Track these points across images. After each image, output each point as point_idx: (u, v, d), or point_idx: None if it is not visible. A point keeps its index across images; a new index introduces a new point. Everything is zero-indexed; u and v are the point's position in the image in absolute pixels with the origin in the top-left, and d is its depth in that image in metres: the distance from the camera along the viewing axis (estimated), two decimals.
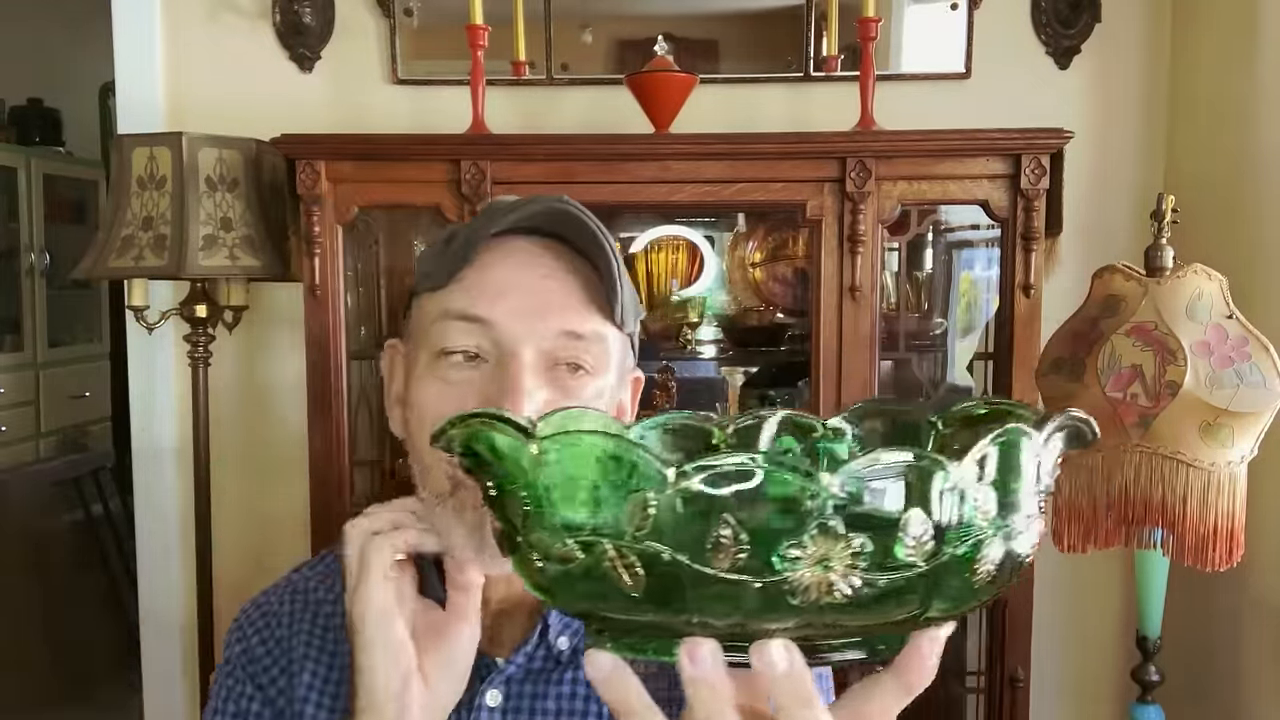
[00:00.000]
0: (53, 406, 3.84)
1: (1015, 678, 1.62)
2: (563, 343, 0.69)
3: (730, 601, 0.37)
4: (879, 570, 0.36)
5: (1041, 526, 0.42)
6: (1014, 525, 0.39)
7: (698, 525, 0.36)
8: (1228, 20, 1.76)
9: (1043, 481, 0.41)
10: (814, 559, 0.36)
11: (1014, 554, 0.39)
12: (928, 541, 0.36)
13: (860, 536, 0.36)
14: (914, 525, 0.36)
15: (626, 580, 0.38)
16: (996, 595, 0.42)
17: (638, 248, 2.11)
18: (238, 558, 2.03)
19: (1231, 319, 1.33)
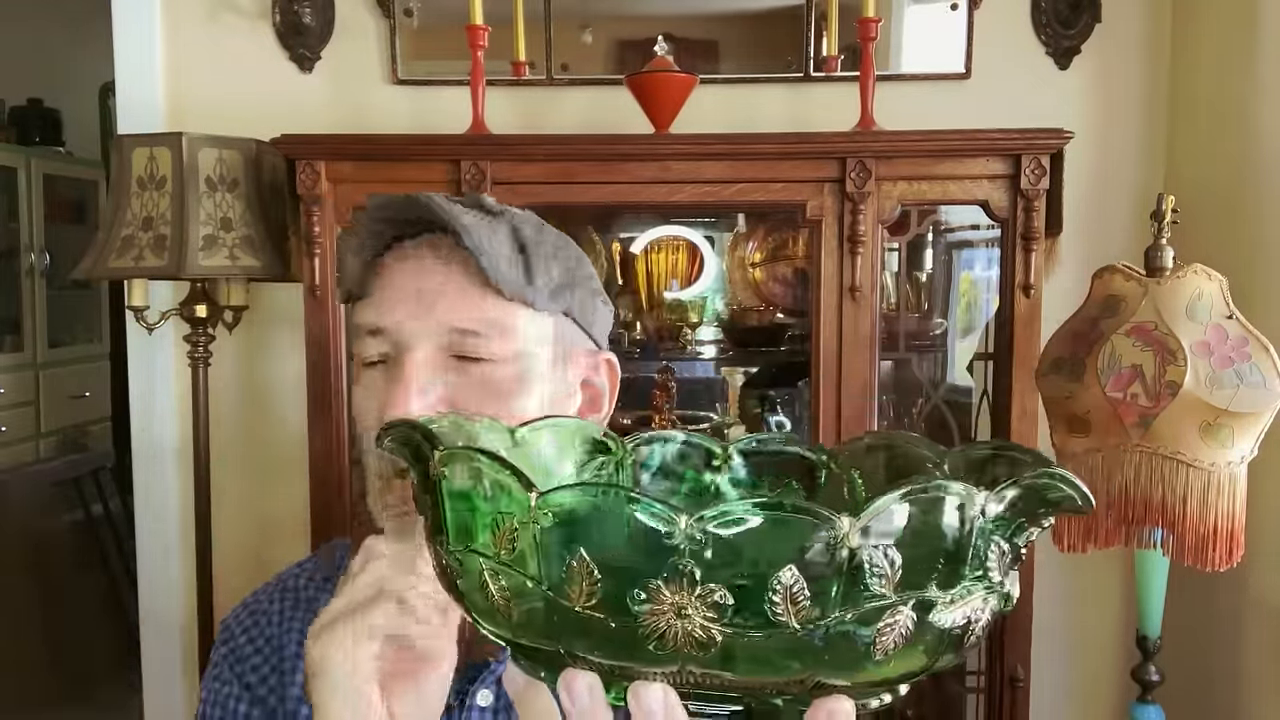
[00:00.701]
0: (53, 406, 3.84)
1: (1015, 678, 1.62)
2: (455, 338, 0.70)
3: (594, 638, 0.35)
4: (744, 628, 0.33)
5: (1000, 598, 0.37)
6: (934, 596, 0.34)
7: (562, 553, 0.34)
8: (1228, 20, 1.76)
9: (992, 554, 0.36)
10: (668, 605, 0.33)
11: (939, 628, 0.35)
12: (803, 602, 0.33)
13: (720, 588, 0.33)
14: (784, 582, 0.32)
15: (499, 602, 0.37)
16: (927, 670, 0.37)
17: (638, 248, 2.11)
18: (238, 558, 2.03)
19: (1231, 319, 1.33)
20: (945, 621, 0.34)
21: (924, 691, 1.93)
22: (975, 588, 0.35)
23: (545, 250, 0.74)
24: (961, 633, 0.35)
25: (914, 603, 0.33)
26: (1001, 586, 0.36)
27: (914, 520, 0.33)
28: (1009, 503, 0.35)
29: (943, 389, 1.77)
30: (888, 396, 1.95)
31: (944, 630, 0.35)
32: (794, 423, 2.09)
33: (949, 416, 1.75)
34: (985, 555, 0.35)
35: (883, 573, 0.33)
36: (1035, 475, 0.36)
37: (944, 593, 0.34)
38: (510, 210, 0.77)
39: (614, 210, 1.98)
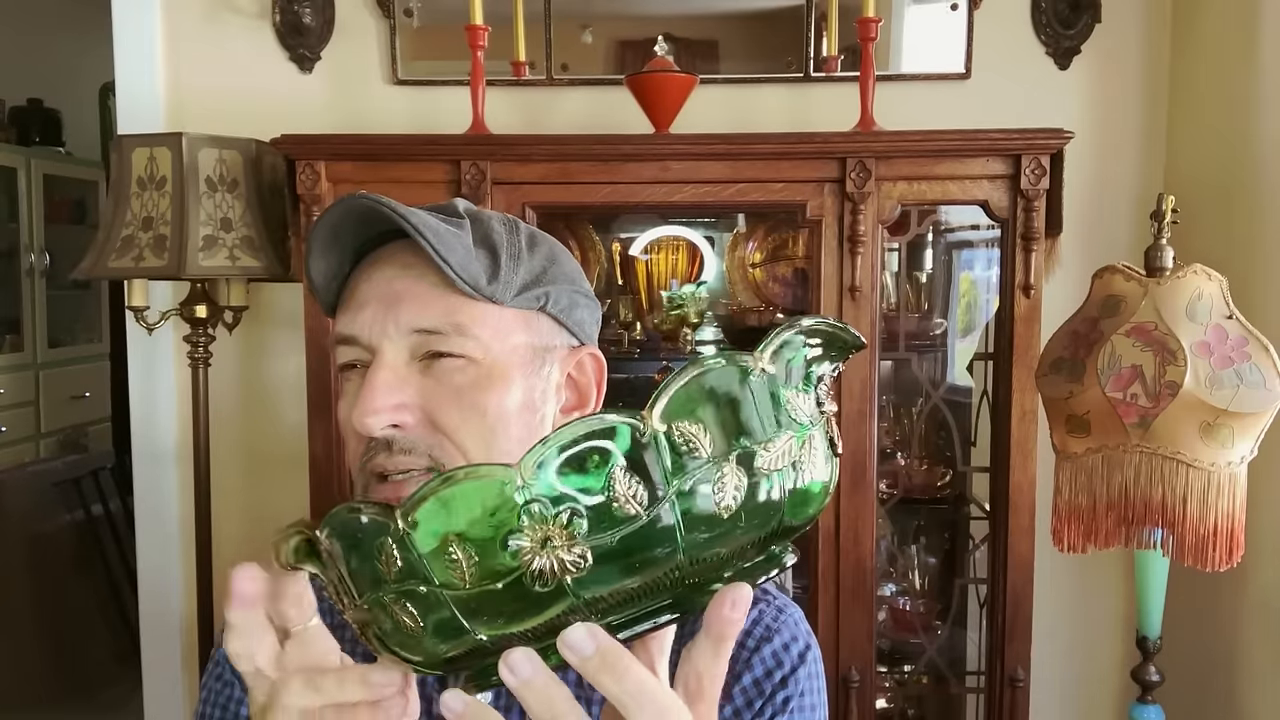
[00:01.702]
0: (53, 407, 3.84)
1: (1015, 678, 1.62)
2: (420, 338, 0.70)
3: (496, 611, 0.39)
4: (602, 533, 0.38)
5: (825, 445, 0.43)
6: (747, 446, 0.40)
7: (437, 553, 0.39)
8: (1228, 20, 1.76)
9: (786, 399, 0.41)
10: (535, 541, 0.38)
11: (768, 472, 0.40)
12: (637, 488, 0.38)
13: (564, 506, 0.37)
14: (617, 482, 0.38)
15: (409, 622, 0.41)
16: (792, 530, 0.43)
17: (638, 248, 2.11)
18: (238, 558, 2.01)
19: (1231, 319, 1.33)
20: (770, 464, 0.40)
21: (924, 691, 1.93)
22: (781, 432, 0.40)
23: (516, 248, 0.74)
24: (794, 473, 0.41)
25: (735, 456, 0.39)
26: (808, 424, 0.42)
27: (705, 394, 0.39)
28: (773, 352, 0.41)
29: (943, 389, 1.77)
30: (888, 396, 1.95)
31: (774, 473, 0.40)
32: None
33: (949, 416, 1.75)
34: (776, 405, 0.41)
35: (694, 443, 0.38)
36: (788, 328, 0.42)
37: (754, 443, 0.40)
38: (486, 213, 0.77)
39: (614, 210, 1.98)
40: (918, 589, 1.90)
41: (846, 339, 0.44)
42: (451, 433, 0.70)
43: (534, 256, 0.75)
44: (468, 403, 0.70)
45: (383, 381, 0.69)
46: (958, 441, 1.77)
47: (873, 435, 1.61)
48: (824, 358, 0.43)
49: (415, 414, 0.70)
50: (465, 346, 0.70)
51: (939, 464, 1.92)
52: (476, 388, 0.71)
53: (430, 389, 0.70)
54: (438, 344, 0.70)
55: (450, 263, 0.69)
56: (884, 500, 1.78)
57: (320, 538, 0.44)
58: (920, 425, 1.87)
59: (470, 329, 0.70)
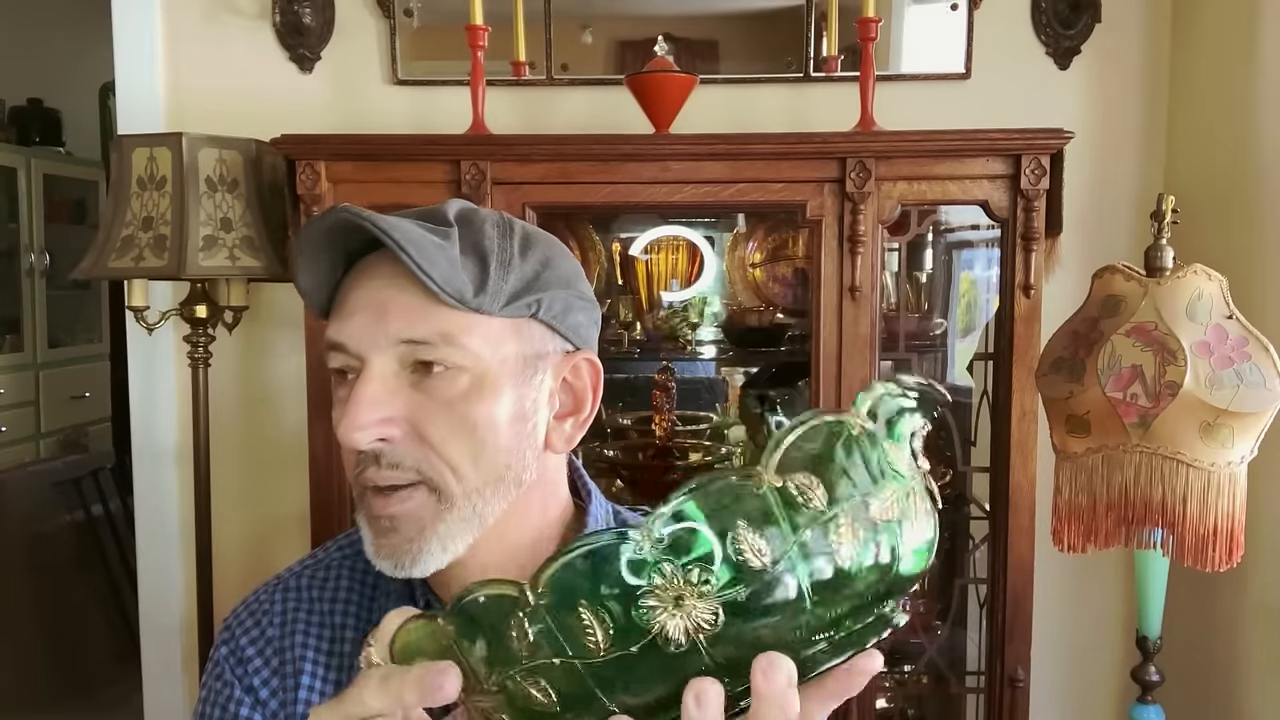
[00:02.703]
0: (53, 406, 3.85)
1: (1015, 678, 1.62)
2: (407, 348, 0.69)
3: (629, 677, 0.39)
4: (731, 588, 0.38)
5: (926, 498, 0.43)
6: (864, 493, 0.41)
7: (570, 622, 0.39)
8: (1228, 20, 1.76)
9: (880, 454, 0.42)
10: (666, 599, 0.38)
11: (877, 521, 0.41)
12: (759, 542, 0.38)
13: (694, 563, 0.38)
14: (741, 536, 0.38)
15: (541, 698, 0.41)
16: (902, 585, 0.43)
17: (638, 248, 2.11)
18: (238, 558, 2.03)
19: (1231, 319, 1.33)
20: (880, 514, 0.41)
21: (924, 691, 1.93)
22: (886, 483, 0.42)
23: (507, 254, 0.72)
24: (902, 525, 0.42)
25: (849, 506, 0.40)
26: (909, 477, 0.43)
27: (814, 448, 0.40)
28: (869, 408, 0.43)
29: (943, 389, 1.77)
30: None
31: (885, 524, 0.41)
32: None
33: (949, 416, 1.75)
34: (879, 458, 0.42)
35: (809, 495, 0.39)
36: (880, 385, 0.44)
37: (862, 494, 0.41)
38: (481, 215, 0.75)
39: (614, 210, 1.98)
40: (917, 589, 1.90)
41: (934, 396, 0.45)
42: (439, 446, 0.69)
43: (526, 261, 0.73)
44: (457, 416, 0.70)
45: (369, 395, 0.69)
46: (958, 441, 1.77)
47: None
48: (912, 414, 0.45)
49: (402, 427, 0.69)
50: (454, 357, 0.69)
51: (939, 464, 1.92)
52: (466, 400, 0.70)
53: (418, 402, 0.69)
54: (425, 354, 0.69)
55: (433, 277, 0.67)
56: None
57: (441, 625, 0.43)
58: None
59: (458, 338, 0.69)
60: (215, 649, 0.82)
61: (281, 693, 0.78)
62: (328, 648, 0.79)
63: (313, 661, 0.78)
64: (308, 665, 0.78)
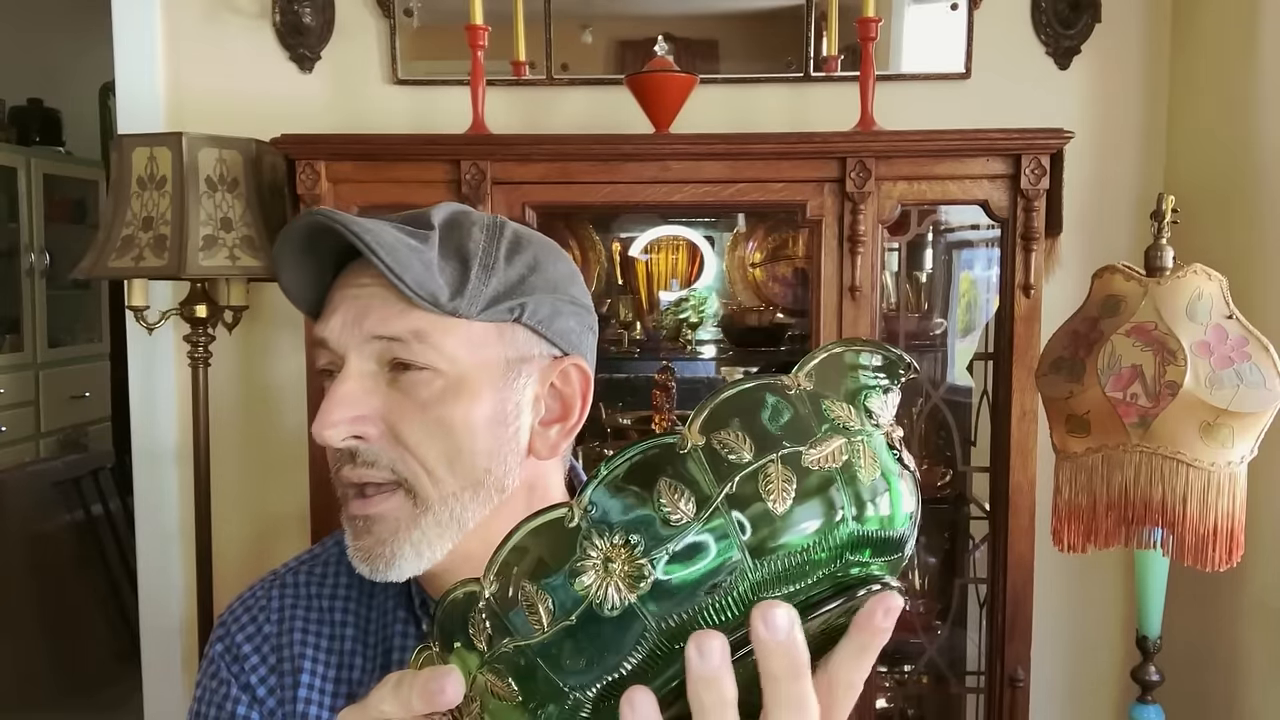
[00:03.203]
0: (53, 406, 3.85)
1: (1015, 678, 1.62)
2: (383, 345, 0.70)
3: (578, 653, 0.39)
4: (660, 545, 0.38)
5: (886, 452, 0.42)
6: (794, 447, 0.40)
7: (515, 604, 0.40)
8: (1228, 20, 1.76)
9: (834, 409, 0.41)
10: (600, 568, 0.38)
11: (813, 469, 0.40)
12: (685, 498, 0.38)
13: (619, 528, 0.38)
14: (662, 494, 0.38)
15: (503, 690, 0.41)
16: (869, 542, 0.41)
17: (638, 248, 2.11)
18: (238, 558, 2.03)
19: (1231, 319, 1.33)
20: (818, 462, 0.40)
21: (924, 691, 1.93)
22: (828, 434, 0.40)
23: (491, 257, 0.72)
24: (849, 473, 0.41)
25: (779, 456, 0.39)
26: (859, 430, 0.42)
27: (743, 407, 0.40)
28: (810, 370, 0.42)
29: (943, 389, 1.77)
30: None
31: (825, 470, 0.40)
32: None
33: (949, 416, 1.75)
34: (819, 411, 0.41)
35: (734, 449, 0.39)
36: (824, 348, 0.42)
37: (798, 444, 0.40)
38: (471, 218, 0.75)
39: (614, 210, 1.98)
40: (918, 589, 1.90)
41: (893, 359, 0.43)
42: (414, 447, 0.69)
43: (512, 265, 0.73)
44: (432, 417, 0.69)
45: (345, 394, 0.69)
46: (958, 441, 1.77)
47: None
48: (866, 373, 0.43)
49: (378, 425, 0.70)
50: (429, 357, 0.69)
51: (939, 464, 1.92)
52: (442, 401, 0.70)
53: (395, 402, 0.70)
54: (400, 351, 0.69)
55: (405, 279, 0.67)
56: None
57: (432, 646, 0.44)
58: (920, 425, 1.87)
59: (431, 337, 0.69)
60: (210, 646, 0.81)
61: (280, 691, 0.78)
62: (327, 645, 0.78)
63: (312, 659, 0.78)
64: (307, 663, 0.78)
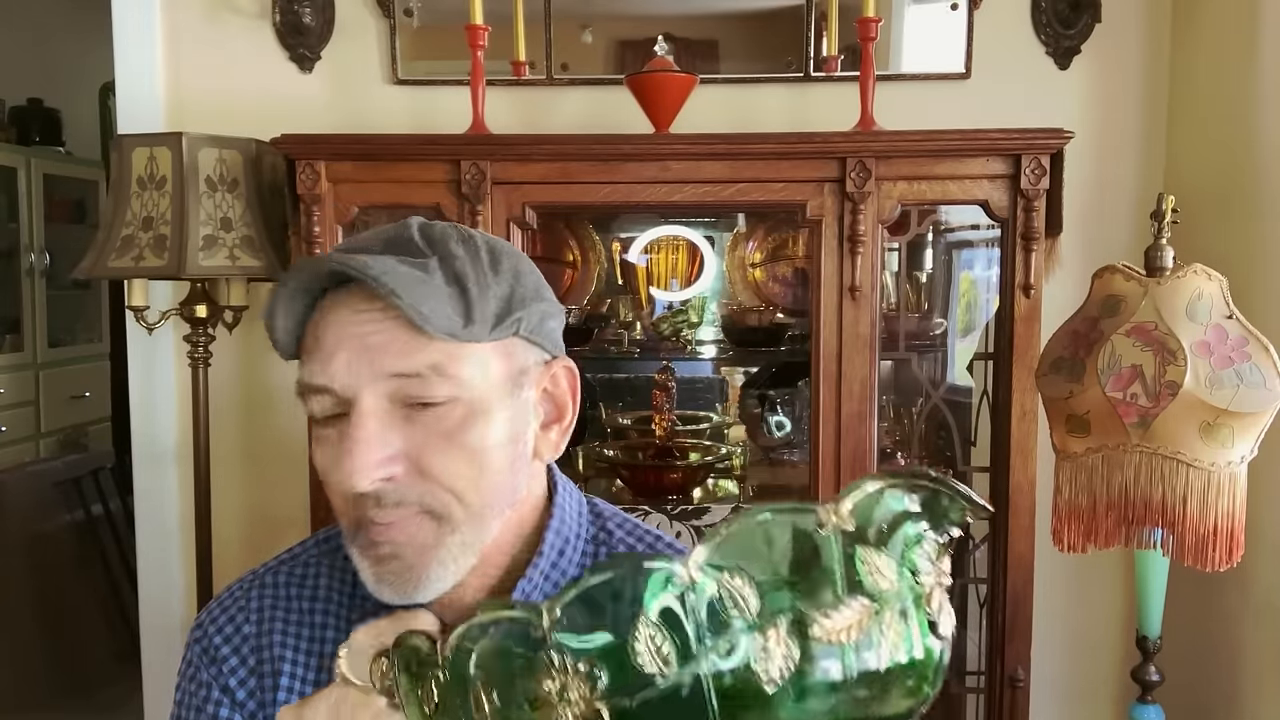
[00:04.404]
0: (53, 406, 3.84)
1: (1015, 678, 1.62)
2: (400, 384, 0.68)
3: None
4: (622, 692, 0.33)
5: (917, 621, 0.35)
6: (803, 610, 0.34)
7: (463, 690, 0.37)
8: (1228, 20, 1.76)
9: (864, 565, 0.35)
10: (554, 694, 0.34)
11: (823, 644, 0.34)
12: (664, 647, 0.33)
13: (584, 657, 0.34)
14: (640, 636, 0.33)
15: None
16: None
17: (638, 248, 2.11)
18: (238, 558, 2.02)
19: (1231, 319, 1.33)
20: (829, 635, 0.33)
21: None
22: (851, 599, 0.34)
23: (484, 280, 0.71)
24: (865, 652, 0.34)
25: (786, 620, 0.33)
26: (891, 594, 0.35)
27: (760, 545, 0.33)
28: (854, 506, 0.35)
29: (943, 389, 1.77)
30: (888, 396, 1.95)
31: (837, 648, 0.33)
32: (794, 423, 2.09)
33: (949, 416, 1.75)
34: (856, 564, 0.34)
35: (739, 600, 0.33)
36: (875, 478, 0.35)
37: (812, 607, 0.33)
38: (445, 235, 0.73)
39: (614, 210, 1.98)
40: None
41: (946, 498, 0.36)
42: (441, 477, 0.68)
43: (500, 280, 0.72)
44: (455, 445, 0.68)
45: (369, 436, 0.67)
46: (958, 441, 1.77)
47: (873, 435, 1.61)
48: (923, 518, 0.36)
49: (402, 463, 0.68)
50: (445, 388, 0.68)
51: (939, 464, 1.92)
52: (462, 428, 0.69)
53: (416, 436, 0.68)
54: (417, 388, 0.67)
55: (426, 316, 0.66)
56: None
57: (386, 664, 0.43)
58: (920, 425, 1.87)
59: (448, 369, 0.68)
60: (187, 648, 0.80)
61: (260, 693, 0.77)
62: (307, 647, 0.78)
63: (292, 661, 0.77)
64: (286, 665, 0.77)
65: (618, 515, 0.84)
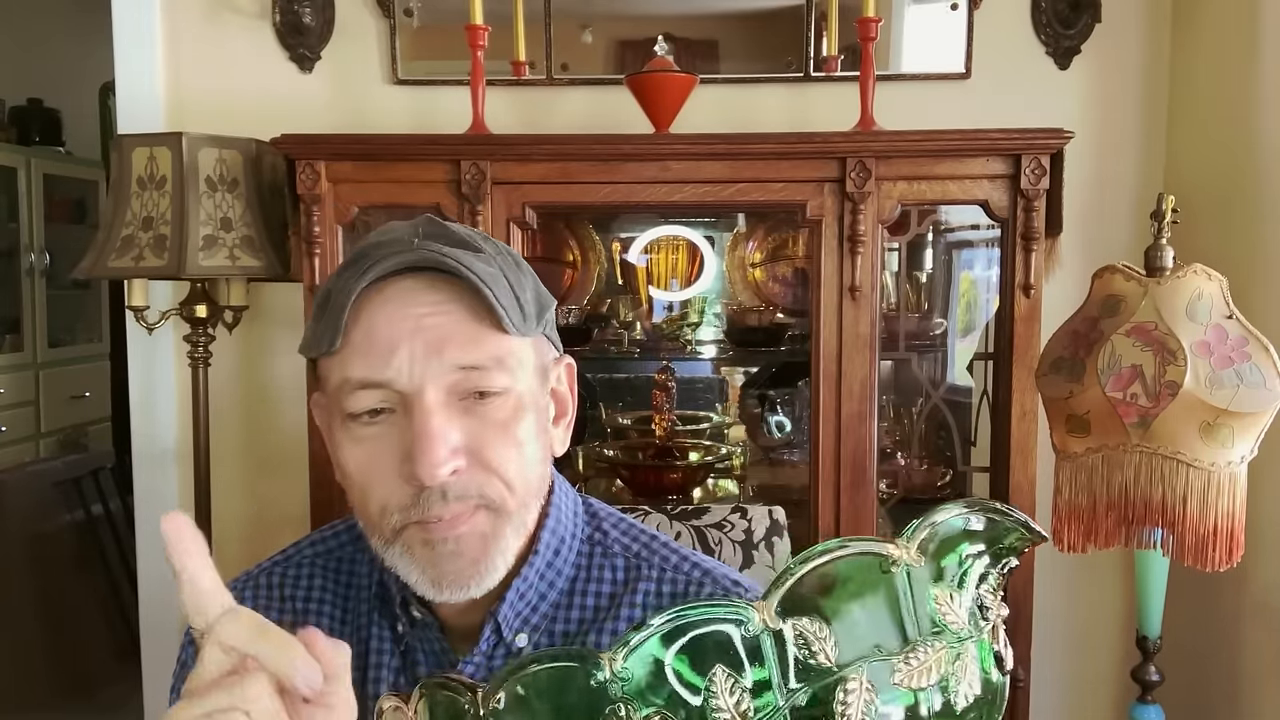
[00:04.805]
0: (53, 406, 3.84)
1: (1015, 678, 1.61)
2: (462, 376, 0.69)
3: None
4: None
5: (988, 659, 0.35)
6: (881, 657, 0.33)
7: None
8: (1228, 20, 1.76)
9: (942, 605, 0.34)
10: None
11: (907, 690, 0.33)
12: (741, 700, 0.32)
13: (655, 709, 0.32)
14: (718, 687, 0.32)
15: None
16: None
17: (638, 248, 2.11)
18: (238, 558, 2.02)
19: (1231, 319, 1.33)
20: (910, 679, 0.33)
21: None
22: (927, 640, 0.33)
23: (523, 279, 0.74)
24: (943, 694, 0.33)
25: (866, 666, 0.32)
26: (963, 633, 0.34)
27: (834, 587, 0.32)
28: (922, 540, 0.34)
29: (943, 389, 1.77)
30: (888, 396, 1.95)
31: (915, 692, 0.33)
32: (794, 423, 2.09)
33: (949, 416, 1.75)
34: (929, 603, 0.34)
35: (817, 646, 0.32)
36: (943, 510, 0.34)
37: (891, 651, 0.32)
38: (475, 235, 0.75)
39: (614, 210, 1.98)
40: None
41: (1011, 530, 0.35)
42: (498, 468, 0.70)
43: (526, 277, 0.75)
44: (510, 437, 0.71)
45: (440, 428, 0.68)
46: (958, 441, 1.77)
47: (873, 435, 1.61)
48: (988, 551, 0.36)
49: (464, 456, 0.69)
50: (503, 379, 0.71)
51: (939, 464, 1.92)
52: (515, 419, 0.71)
53: (475, 429, 0.70)
54: (479, 379, 0.70)
55: (506, 311, 0.69)
56: (884, 500, 1.78)
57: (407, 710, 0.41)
58: (920, 425, 1.87)
59: (507, 361, 0.71)
60: (182, 650, 0.81)
61: None
62: None
63: None
64: None
65: (613, 515, 0.85)
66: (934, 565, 0.34)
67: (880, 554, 0.33)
